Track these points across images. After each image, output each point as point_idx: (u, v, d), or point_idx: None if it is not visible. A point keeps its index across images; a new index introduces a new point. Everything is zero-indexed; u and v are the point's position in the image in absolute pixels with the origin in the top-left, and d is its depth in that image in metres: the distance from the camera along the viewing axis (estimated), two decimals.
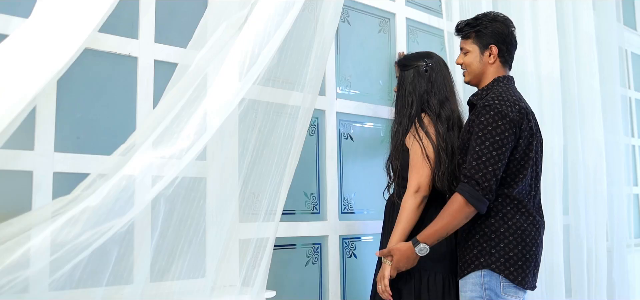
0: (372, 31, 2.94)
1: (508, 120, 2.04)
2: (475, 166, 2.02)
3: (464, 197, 2.02)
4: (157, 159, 1.68)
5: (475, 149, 2.05)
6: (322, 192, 2.59)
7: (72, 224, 1.42)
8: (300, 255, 2.49)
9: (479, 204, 2.02)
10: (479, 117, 2.07)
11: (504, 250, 2.07)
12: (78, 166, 1.84)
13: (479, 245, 2.10)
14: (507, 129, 2.04)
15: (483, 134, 2.04)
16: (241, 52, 1.89)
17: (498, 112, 2.04)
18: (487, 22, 2.24)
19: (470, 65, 2.27)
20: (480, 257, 2.09)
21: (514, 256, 2.07)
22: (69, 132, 1.86)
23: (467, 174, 2.04)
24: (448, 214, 2.05)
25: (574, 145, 3.54)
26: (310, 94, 2.20)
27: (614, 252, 3.81)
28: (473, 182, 2.02)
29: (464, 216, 2.04)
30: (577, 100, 3.61)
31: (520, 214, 2.11)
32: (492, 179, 2.02)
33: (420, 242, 2.08)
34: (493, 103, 2.07)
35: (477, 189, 2.01)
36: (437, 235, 2.07)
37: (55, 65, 1.50)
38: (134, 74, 2.02)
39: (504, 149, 2.04)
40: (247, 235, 2.08)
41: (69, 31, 1.54)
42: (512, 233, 2.08)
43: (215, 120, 1.80)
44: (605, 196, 3.67)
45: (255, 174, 2.05)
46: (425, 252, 2.09)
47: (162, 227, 1.78)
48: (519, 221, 2.10)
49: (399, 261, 2.13)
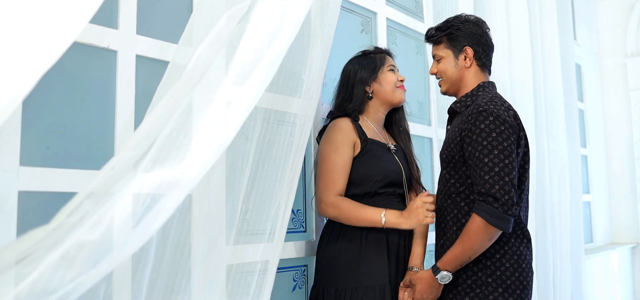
0: (355, 31, 2.73)
1: (508, 126, 1.85)
2: (489, 180, 1.80)
3: (482, 217, 1.80)
4: (154, 179, 1.38)
5: (483, 161, 1.82)
6: (308, 208, 2.35)
7: (68, 264, 1.10)
8: (286, 279, 2.24)
9: (502, 222, 1.80)
10: (477, 124, 1.86)
11: (500, 278, 1.88)
12: (48, 183, 1.50)
13: (473, 275, 1.91)
14: (510, 135, 1.85)
15: (488, 143, 1.82)
16: (246, 52, 1.62)
17: (497, 117, 1.85)
18: (459, 24, 2.07)
19: (446, 72, 2.09)
20: (475, 287, 1.90)
21: (512, 285, 1.89)
22: (36, 142, 1.51)
23: (482, 191, 1.81)
24: (467, 237, 1.85)
25: (542, 155, 3.52)
26: (310, 100, 1.96)
27: (572, 259, 3.87)
28: (490, 199, 1.80)
29: (486, 239, 1.83)
30: (544, 112, 3.63)
31: (515, 236, 1.93)
32: (512, 190, 1.80)
33: (441, 270, 1.89)
34: (489, 108, 1.87)
35: (497, 206, 1.79)
36: (458, 261, 1.87)
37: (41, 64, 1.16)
38: (113, 71, 1.69)
39: (513, 156, 1.84)
40: (243, 259, 1.81)
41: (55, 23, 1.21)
42: (509, 259, 1.90)
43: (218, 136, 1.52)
44: (568, 205, 3.71)
45: (256, 191, 1.78)
46: (448, 279, 1.90)
47: (155, 260, 1.48)
48: (514, 245, 1.92)
49: (422, 291, 1.94)
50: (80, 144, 1.60)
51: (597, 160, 5.21)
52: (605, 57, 5.58)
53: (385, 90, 2.21)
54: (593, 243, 4.97)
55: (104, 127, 1.65)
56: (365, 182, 2.09)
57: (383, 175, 2.11)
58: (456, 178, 1.97)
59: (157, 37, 1.79)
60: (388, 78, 2.22)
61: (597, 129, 5.30)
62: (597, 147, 5.27)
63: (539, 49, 3.61)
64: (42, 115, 1.53)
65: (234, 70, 1.57)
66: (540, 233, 3.47)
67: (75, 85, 1.61)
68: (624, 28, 5.51)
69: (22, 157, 1.46)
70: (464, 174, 1.93)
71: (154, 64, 1.76)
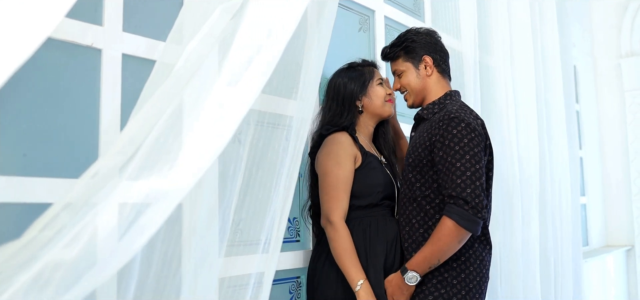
0: (352, 30, 2.63)
1: (478, 134, 1.92)
2: (460, 184, 1.84)
3: (453, 219, 1.84)
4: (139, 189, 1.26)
5: (455, 165, 1.86)
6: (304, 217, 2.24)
7: (42, 286, 0.98)
8: (282, 291, 2.13)
9: (472, 225, 1.85)
10: (449, 130, 1.90)
11: (464, 281, 1.95)
12: (25, 193, 1.37)
13: (439, 275, 1.95)
14: (479, 144, 1.91)
15: (460, 148, 1.87)
16: (240, 51, 1.51)
17: (468, 124, 1.91)
18: (413, 36, 2.13)
19: (409, 84, 2.12)
20: (441, 288, 1.94)
21: (473, 288, 1.96)
22: (12, 148, 1.38)
23: (453, 194, 1.85)
24: (437, 239, 1.87)
25: (543, 159, 3.45)
26: (307, 102, 1.85)
27: (573, 263, 3.81)
28: (461, 201, 1.84)
29: (456, 241, 1.87)
30: (545, 114, 3.57)
31: (479, 242, 2.00)
32: (482, 194, 1.86)
33: (409, 270, 1.91)
34: (460, 115, 1.92)
35: (467, 209, 1.83)
36: (427, 262, 1.90)
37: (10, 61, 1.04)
38: (98, 70, 1.57)
39: (482, 163, 1.90)
40: (237, 272, 1.69)
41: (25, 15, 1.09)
42: (472, 262, 1.96)
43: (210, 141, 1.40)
44: (569, 208, 3.64)
45: (250, 199, 1.67)
46: (415, 280, 1.92)
47: (140, 276, 1.36)
48: (478, 250, 1.99)
49: (392, 294, 1.97)
50: (61, 151, 1.47)
51: (592, 162, 5.15)
52: (600, 58, 5.53)
53: (375, 104, 2.20)
54: (588, 246, 4.92)
55: (87, 132, 1.53)
56: (368, 194, 2.10)
57: (383, 187, 2.12)
58: (422, 182, 2.00)
59: (145, 34, 1.68)
60: (378, 92, 2.21)
61: (591, 130, 5.24)
62: (592, 148, 5.21)
63: (539, 51, 3.53)
64: (18, 120, 1.40)
65: (227, 69, 1.46)
66: (542, 237, 3.41)
67: (56, 87, 1.49)
68: (618, 28, 5.46)
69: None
70: (431, 178, 1.97)
71: (141, 64, 1.64)
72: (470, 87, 2.84)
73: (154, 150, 1.25)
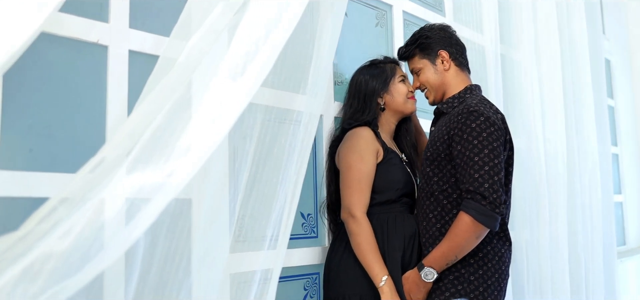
0: (369, 25, 2.59)
1: (497, 128, 1.88)
2: (478, 178, 1.82)
3: (470, 215, 1.81)
4: (136, 182, 1.26)
5: (473, 159, 1.84)
6: (319, 213, 2.22)
7: (32, 277, 0.99)
8: (296, 288, 2.11)
9: (489, 220, 1.81)
10: (468, 124, 1.87)
11: (482, 277, 1.91)
12: (31, 188, 1.39)
13: (456, 271, 1.92)
14: (499, 138, 1.88)
15: (479, 142, 1.85)
16: (242, 44, 1.49)
17: (487, 118, 1.88)
18: (427, 32, 2.13)
19: (428, 81, 2.11)
20: (457, 284, 1.91)
21: (492, 285, 1.93)
22: (18, 143, 1.40)
23: (470, 189, 1.83)
24: (455, 234, 1.85)
25: (572, 154, 3.35)
26: (316, 97, 1.83)
27: (605, 261, 3.69)
28: (478, 196, 1.81)
29: (474, 237, 1.84)
30: (573, 109, 3.46)
31: (498, 237, 1.97)
32: (500, 189, 1.83)
33: (426, 266, 1.89)
34: (479, 109, 1.89)
35: (484, 204, 1.81)
36: (444, 258, 1.88)
37: None
38: (104, 67, 1.58)
39: (501, 158, 1.87)
40: (248, 268, 1.68)
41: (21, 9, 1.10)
42: (491, 259, 1.93)
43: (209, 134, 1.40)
44: (600, 205, 3.53)
45: (256, 194, 1.65)
46: (432, 277, 1.89)
47: (142, 269, 1.36)
48: (497, 246, 1.96)
49: (408, 291, 1.95)
50: (67, 147, 1.49)
51: (628, 160, 4.97)
52: (636, 52, 5.34)
53: (397, 101, 2.20)
54: (626, 245, 4.74)
55: (94, 128, 1.55)
56: (387, 190, 2.08)
57: (403, 184, 2.11)
58: (439, 176, 1.97)
59: (151, 31, 1.69)
60: (399, 89, 2.20)
61: (628, 126, 5.06)
62: (629, 145, 5.03)
63: (567, 43, 3.43)
64: (24, 116, 1.42)
65: (228, 64, 1.45)
66: (572, 234, 3.31)
67: (63, 84, 1.51)
68: None
69: (1, 160, 1.36)
70: (449, 172, 1.94)
71: (148, 60, 1.64)
72: (492, 82, 2.78)
73: (149, 144, 1.24)
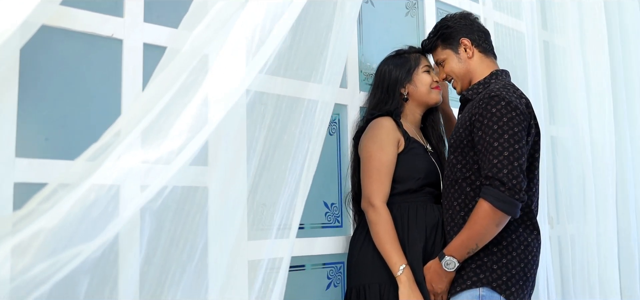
0: (399, 14, 2.57)
1: (519, 112, 1.85)
2: (497, 164, 1.79)
3: (489, 201, 1.78)
4: (139, 164, 1.32)
5: (493, 144, 1.81)
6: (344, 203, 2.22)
7: (20, 253, 1.05)
8: (320, 277, 2.12)
9: (509, 207, 1.78)
10: (488, 109, 1.85)
11: (506, 266, 1.87)
12: (46, 175, 1.47)
13: (479, 259, 1.88)
14: (521, 122, 1.84)
15: (499, 127, 1.82)
16: (248, 29, 1.53)
17: (509, 102, 1.85)
18: (447, 22, 2.13)
19: (453, 71, 2.10)
20: (479, 273, 1.87)
21: (516, 274, 1.88)
22: (34, 133, 1.50)
23: (489, 175, 1.80)
24: (474, 222, 1.82)
25: (623, 145, 3.17)
26: (330, 86, 1.83)
27: None
28: (497, 182, 1.78)
29: (493, 224, 1.80)
30: (624, 96, 3.27)
31: (524, 226, 1.93)
32: (520, 175, 1.79)
33: (446, 256, 1.87)
34: (501, 93, 1.87)
35: (503, 190, 1.77)
36: (464, 247, 1.85)
37: None
38: (118, 60, 1.65)
39: (523, 143, 1.84)
40: (256, 256, 1.71)
41: None
42: (515, 248, 1.89)
43: (216, 114, 1.44)
44: None
45: (265, 182, 1.68)
46: (453, 266, 1.86)
47: (147, 250, 1.41)
48: (522, 235, 1.91)
49: (430, 281, 1.93)
50: (81, 136, 1.56)
51: None
52: None
53: (420, 91, 2.20)
54: None
55: (108, 118, 1.59)
56: (408, 180, 2.08)
57: (425, 174, 2.10)
58: (463, 163, 1.96)
59: (166, 24, 1.74)
60: (423, 79, 2.20)
61: None
62: None
63: (617, 28, 3.24)
64: (41, 106, 1.51)
65: (230, 54, 1.48)
66: (623, 230, 3.14)
67: (77, 76, 1.59)
68: None
69: (18, 148, 1.45)
70: (472, 159, 1.93)
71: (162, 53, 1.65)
72: (531, 69, 2.68)
73: (143, 133, 1.29)
